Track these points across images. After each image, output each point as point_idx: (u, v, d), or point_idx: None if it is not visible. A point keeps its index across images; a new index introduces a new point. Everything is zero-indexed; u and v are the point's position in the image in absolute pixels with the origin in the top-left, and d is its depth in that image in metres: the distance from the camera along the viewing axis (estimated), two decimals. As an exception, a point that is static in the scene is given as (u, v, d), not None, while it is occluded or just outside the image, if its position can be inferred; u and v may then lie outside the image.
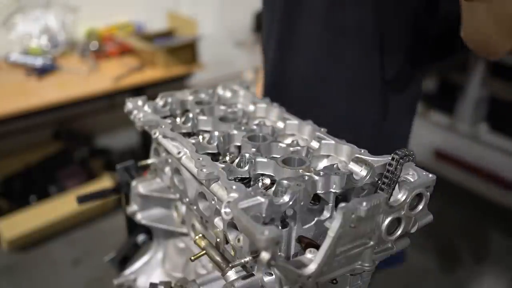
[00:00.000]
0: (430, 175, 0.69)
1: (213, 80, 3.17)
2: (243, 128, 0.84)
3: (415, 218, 0.70)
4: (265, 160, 0.73)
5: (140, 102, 0.95)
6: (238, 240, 0.66)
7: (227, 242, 0.69)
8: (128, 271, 1.05)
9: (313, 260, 0.59)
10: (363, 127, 0.77)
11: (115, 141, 3.13)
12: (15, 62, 2.47)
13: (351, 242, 0.64)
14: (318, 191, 0.66)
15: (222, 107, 0.95)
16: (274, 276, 0.62)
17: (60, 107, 2.25)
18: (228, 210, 0.59)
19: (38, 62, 2.42)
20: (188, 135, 0.88)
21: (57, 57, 2.58)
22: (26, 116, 2.18)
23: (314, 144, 0.81)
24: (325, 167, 0.71)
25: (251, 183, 0.73)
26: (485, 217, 2.77)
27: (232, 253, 0.69)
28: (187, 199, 0.82)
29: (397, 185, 0.70)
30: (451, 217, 2.53)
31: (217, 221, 0.72)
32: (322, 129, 0.84)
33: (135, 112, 0.92)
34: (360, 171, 0.72)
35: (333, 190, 0.67)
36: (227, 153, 0.83)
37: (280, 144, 0.79)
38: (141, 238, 1.06)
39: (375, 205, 0.61)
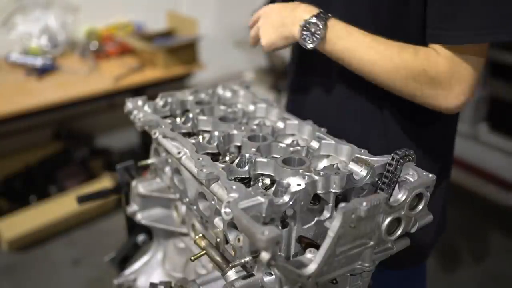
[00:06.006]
0: (430, 175, 0.69)
1: (213, 80, 3.17)
2: (243, 128, 0.84)
3: (415, 218, 0.70)
4: (265, 160, 0.73)
5: (140, 102, 0.95)
6: (238, 240, 0.66)
7: (227, 242, 0.69)
8: (128, 271, 1.05)
9: (313, 260, 0.59)
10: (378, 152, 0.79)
11: (115, 141, 3.13)
12: (15, 62, 2.47)
13: (351, 242, 0.64)
14: (318, 191, 0.66)
15: (222, 107, 0.95)
16: (274, 276, 0.62)
17: (60, 107, 2.25)
18: (228, 210, 0.59)
19: (38, 62, 2.42)
20: (188, 135, 0.88)
21: (57, 57, 2.58)
22: (26, 116, 2.18)
23: (314, 144, 0.81)
24: (325, 167, 0.72)
25: (251, 183, 0.73)
26: (485, 217, 2.77)
27: (232, 253, 0.69)
28: (187, 199, 0.82)
29: (397, 185, 0.70)
30: (451, 217, 2.53)
31: (217, 221, 0.72)
32: (322, 129, 0.84)
33: (135, 112, 0.92)
34: (360, 171, 0.72)
35: (333, 190, 0.67)
36: (227, 153, 0.83)
37: (280, 144, 0.79)
38: (141, 238, 1.06)
39: (375, 205, 0.61)
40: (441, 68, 0.78)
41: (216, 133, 0.82)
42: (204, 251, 0.73)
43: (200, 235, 0.75)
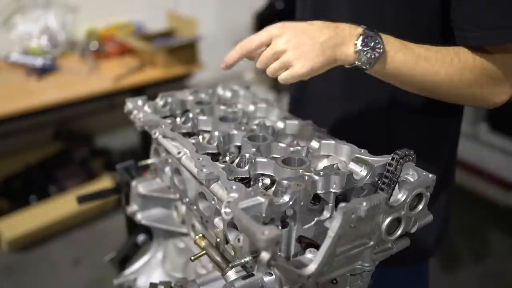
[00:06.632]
0: (430, 175, 0.69)
1: (213, 80, 3.17)
2: (243, 128, 0.84)
3: (415, 218, 0.70)
4: (265, 160, 0.73)
5: (140, 102, 0.95)
6: (238, 240, 0.66)
7: (227, 242, 0.69)
8: (128, 271, 1.05)
9: (313, 260, 0.59)
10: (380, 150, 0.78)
11: (115, 141, 3.13)
12: (15, 62, 2.47)
13: (351, 242, 0.64)
14: (318, 191, 0.66)
15: (222, 107, 0.95)
16: (274, 276, 0.62)
17: (60, 107, 2.25)
18: (228, 210, 0.59)
19: (38, 62, 2.42)
20: (188, 135, 0.88)
21: (57, 57, 2.57)
22: (26, 116, 2.18)
23: (314, 144, 0.81)
24: (325, 167, 0.71)
25: (251, 183, 0.73)
26: (485, 217, 2.77)
27: (232, 253, 0.69)
28: (187, 199, 0.82)
29: (397, 185, 0.70)
30: (451, 217, 2.53)
31: (217, 221, 0.72)
32: (322, 129, 0.84)
33: (135, 112, 0.92)
34: (360, 171, 0.72)
35: (333, 190, 0.67)
36: (227, 153, 0.83)
37: (280, 144, 0.79)
38: (141, 238, 1.06)
39: (375, 205, 0.61)
40: (497, 65, 0.77)
41: (216, 133, 0.82)
42: (204, 251, 0.73)
43: (200, 235, 0.75)
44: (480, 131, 2.97)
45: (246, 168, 0.73)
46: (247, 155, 0.74)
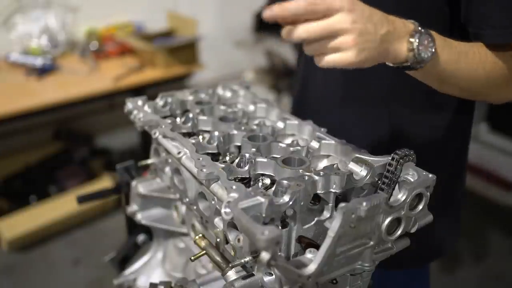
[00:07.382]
0: (430, 175, 0.69)
1: (213, 80, 3.17)
2: (243, 128, 0.84)
3: (415, 218, 0.70)
4: (265, 160, 0.73)
5: (140, 102, 0.95)
6: (238, 240, 0.66)
7: (227, 242, 0.69)
8: (128, 271, 1.05)
9: (313, 260, 0.59)
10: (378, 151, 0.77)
11: (115, 141, 3.13)
12: (15, 62, 2.47)
13: (351, 242, 0.64)
14: (318, 191, 0.66)
15: (222, 107, 0.95)
16: (274, 276, 0.62)
17: (60, 107, 2.25)
18: (228, 210, 0.59)
19: (38, 62, 2.42)
20: (188, 135, 0.88)
21: (57, 57, 2.57)
22: (26, 116, 2.18)
23: (314, 144, 0.81)
24: (325, 167, 0.71)
25: (251, 183, 0.73)
26: (485, 217, 2.77)
27: (232, 253, 0.69)
28: (187, 199, 0.82)
29: (397, 185, 0.70)
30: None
31: (217, 221, 0.72)
32: (322, 129, 0.84)
33: (135, 112, 0.92)
34: (360, 171, 0.72)
35: (333, 190, 0.67)
36: (227, 153, 0.83)
37: (280, 144, 0.79)
38: (141, 238, 1.06)
39: (375, 205, 0.61)
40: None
41: (216, 133, 0.82)
42: (204, 251, 0.73)
43: (200, 235, 0.75)
44: (480, 131, 2.97)
45: (246, 168, 0.73)
46: (247, 155, 0.74)
